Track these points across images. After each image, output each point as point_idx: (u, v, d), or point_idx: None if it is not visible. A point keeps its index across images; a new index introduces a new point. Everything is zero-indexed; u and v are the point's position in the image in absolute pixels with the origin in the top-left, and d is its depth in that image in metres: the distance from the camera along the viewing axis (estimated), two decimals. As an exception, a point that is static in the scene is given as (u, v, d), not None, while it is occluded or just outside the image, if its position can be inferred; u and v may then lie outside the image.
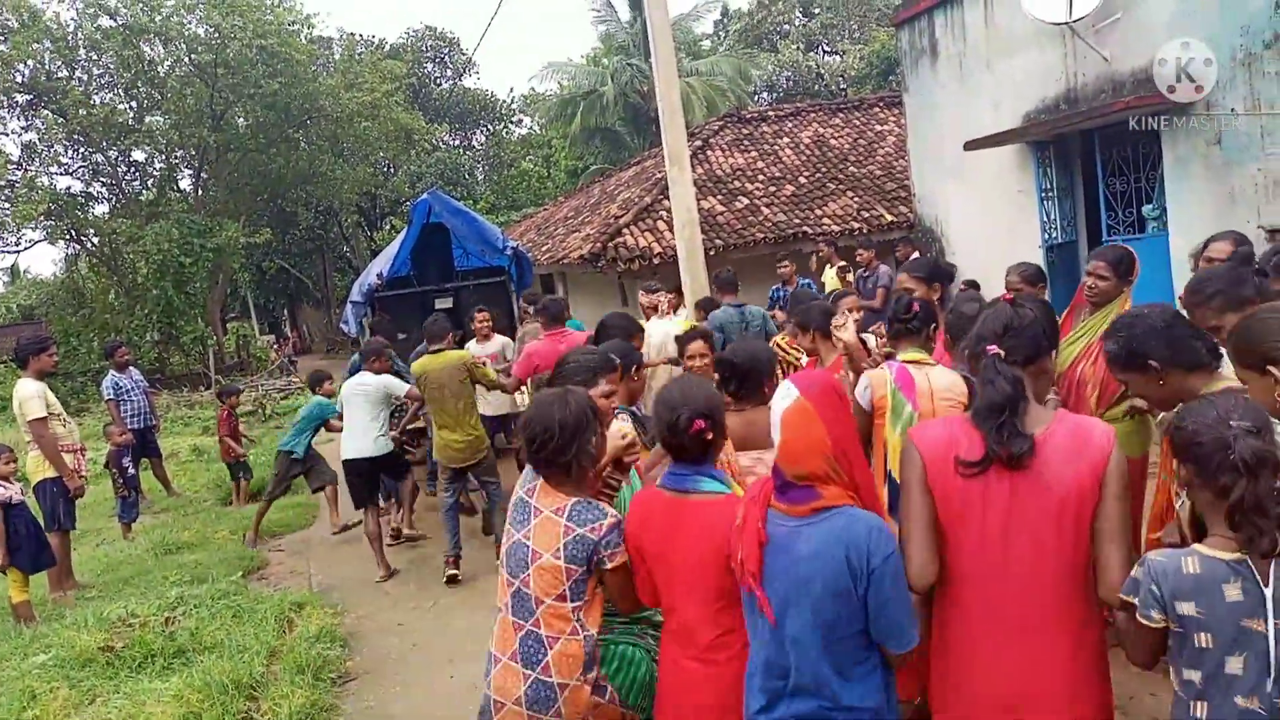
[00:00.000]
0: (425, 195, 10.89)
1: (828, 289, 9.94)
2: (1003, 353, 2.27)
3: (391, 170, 34.56)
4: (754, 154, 16.60)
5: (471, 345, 8.31)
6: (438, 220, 10.82)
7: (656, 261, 12.91)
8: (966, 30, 11.24)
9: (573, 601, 2.69)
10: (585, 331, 6.88)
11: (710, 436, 2.54)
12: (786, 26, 33.88)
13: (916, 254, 9.77)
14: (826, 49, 33.72)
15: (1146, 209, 9.25)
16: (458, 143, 38.99)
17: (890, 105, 17.46)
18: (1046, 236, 10.25)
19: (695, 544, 2.49)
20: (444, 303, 11.15)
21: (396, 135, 28.27)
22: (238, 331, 29.11)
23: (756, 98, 32.19)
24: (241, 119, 25.66)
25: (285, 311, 44.30)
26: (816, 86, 31.52)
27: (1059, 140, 10.16)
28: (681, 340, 4.86)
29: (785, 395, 2.27)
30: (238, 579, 6.84)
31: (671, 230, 11.32)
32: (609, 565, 2.68)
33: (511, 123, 39.90)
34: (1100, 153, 9.69)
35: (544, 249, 16.81)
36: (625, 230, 13.88)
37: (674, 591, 2.57)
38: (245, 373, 24.29)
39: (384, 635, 5.81)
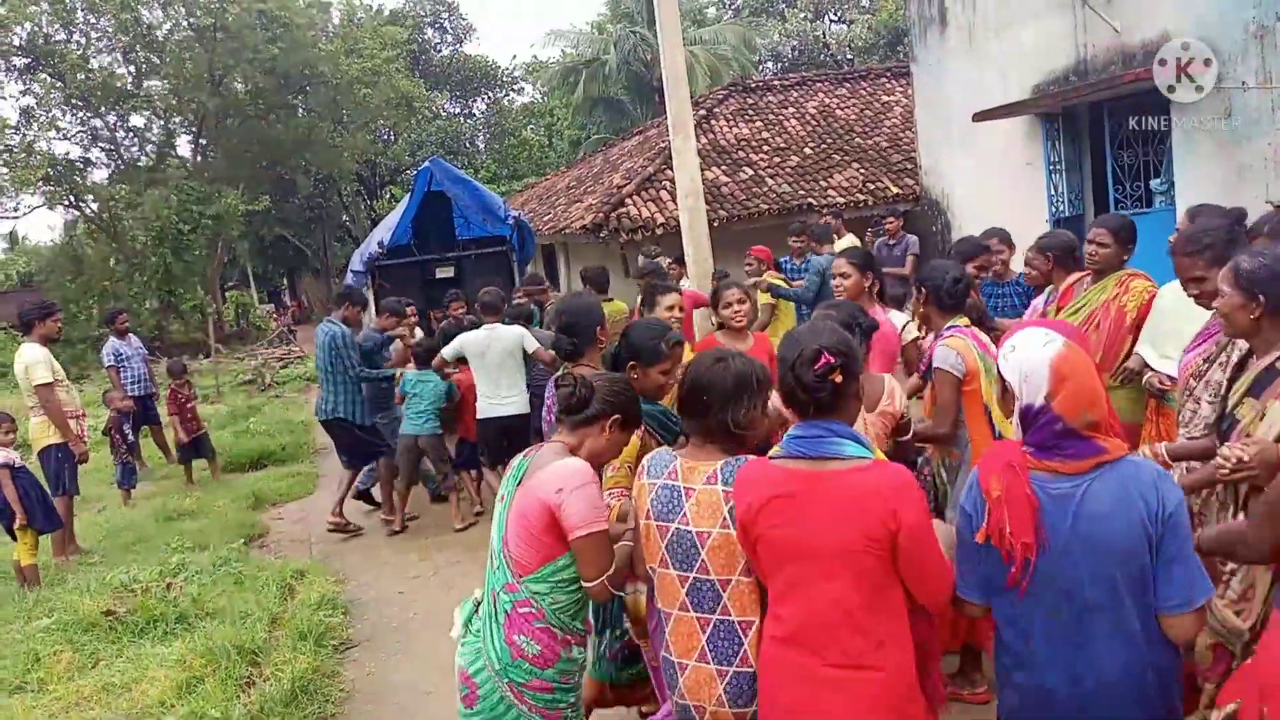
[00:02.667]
0: (427, 163, 10.81)
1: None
2: None
3: (391, 138, 34.33)
4: (759, 124, 16.45)
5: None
6: (439, 189, 10.75)
7: (659, 232, 12.82)
8: (976, -1, 11.10)
9: (749, 576, 2.35)
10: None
11: (840, 380, 2.19)
12: (793, -6, 33.47)
13: (897, 227, 9.72)
14: (834, 18, 33.32)
15: (1154, 183, 9.17)
16: (458, 111, 38.68)
17: (897, 76, 17.27)
18: (1054, 210, 10.17)
19: (845, 524, 2.11)
20: (445, 272, 11.11)
21: (397, 102, 28.06)
22: (237, 300, 29.05)
23: (762, 67, 31.89)
24: (240, 84, 25.45)
25: (285, 280, 44.19)
26: (823, 56, 31.20)
27: (1068, 112, 10.06)
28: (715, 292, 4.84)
29: (1045, 341, 2.09)
30: (239, 546, 6.85)
31: (675, 200, 11.21)
32: None
33: (513, 91, 39.56)
34: (1109, 125, 9.60)
35: (546, 219, 16.71)
36: (628, 200, 13.78)
37: (802, 583, 2.17)
38: (245, 341, 24.26)
39: (385, 604, 5.82)
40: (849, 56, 30.21)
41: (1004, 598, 2.14)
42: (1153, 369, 3.91)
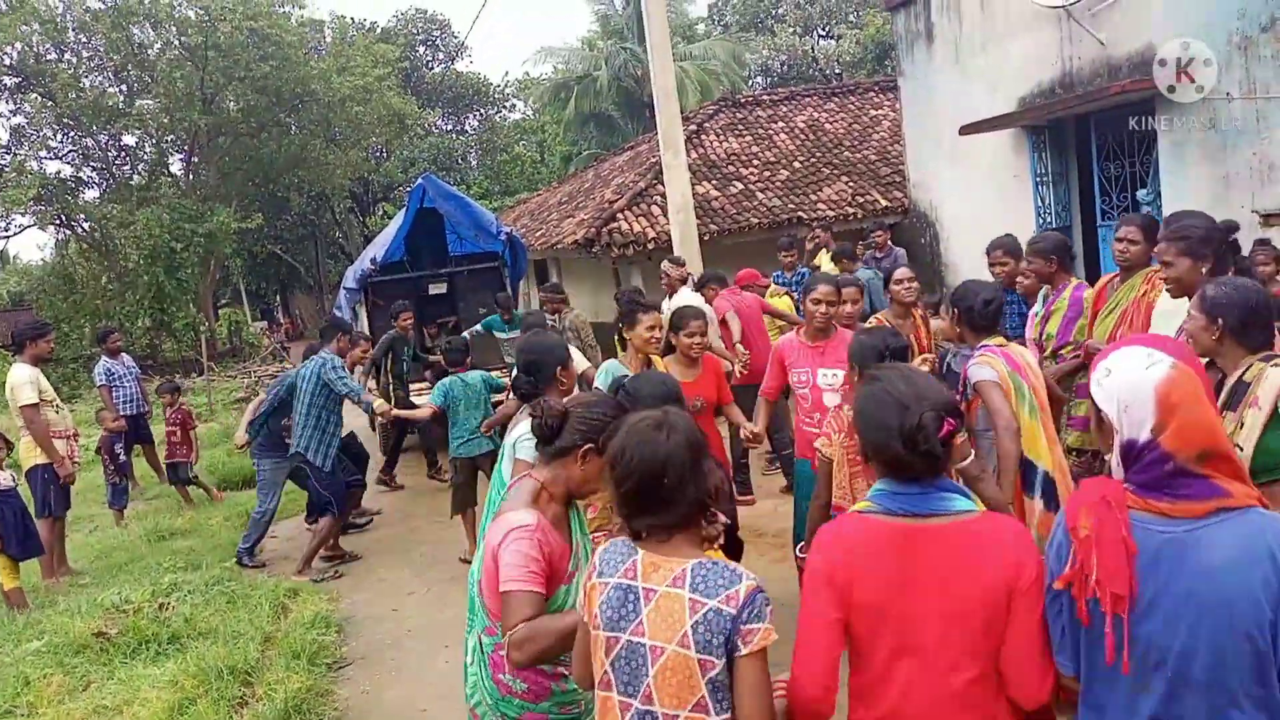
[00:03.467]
0: (420, 180, 10.85)
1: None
2: None
3: (384, 155, 34.41)
4: (749, 139, 16.53)
5: None
6: (431, 205, 10.78)
7: (651, 247, 12.86)
8: (962, 13, 11.20)
9: (717, 716, 1.88)
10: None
11: (958, 440, 1.98)
12: (782, 10, 33.68)
13: (886, 240, 9.81)
14: (822, 33, 33.56)
15: (1141, 193, 9.24)
16: (451, 128, 38.81)
17: (885, 90, 17.40)
18: (1041, 222, 10.24)
19: (960, 581, 1.84)
20: (438, 288, 11.14)
21: (389, 120, 28.12)
22: (230, 317, 29.01)
23: (751, 82, 32.06)
24: (232, 102, 25.50)
25: (278, 297, 44.15)
26: (812, 71, 31.38)
27: (1054, 124, 10.14)
28: (678, 317, 4.69)
29: (1149, 363, 1.74)
30: (231, 565, 6.83)
31: (666, 215, 11.27)
32: (745, 650, 1.85)
33: (505, 107, 39.70)
34: (1095, 137, 9.68)
35: (538, 234, 16.74)
36: (619, 215, 13.82)
37: (905, 654, 1.88)
38: (238, 359, 24.21)
39: (378, 621, 5.81)
40: (837, 71, 30.39)
41: (1087, 667, 1.81)
42: None
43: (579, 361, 6.20)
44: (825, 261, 10.63)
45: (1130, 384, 1.74)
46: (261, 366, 21.37)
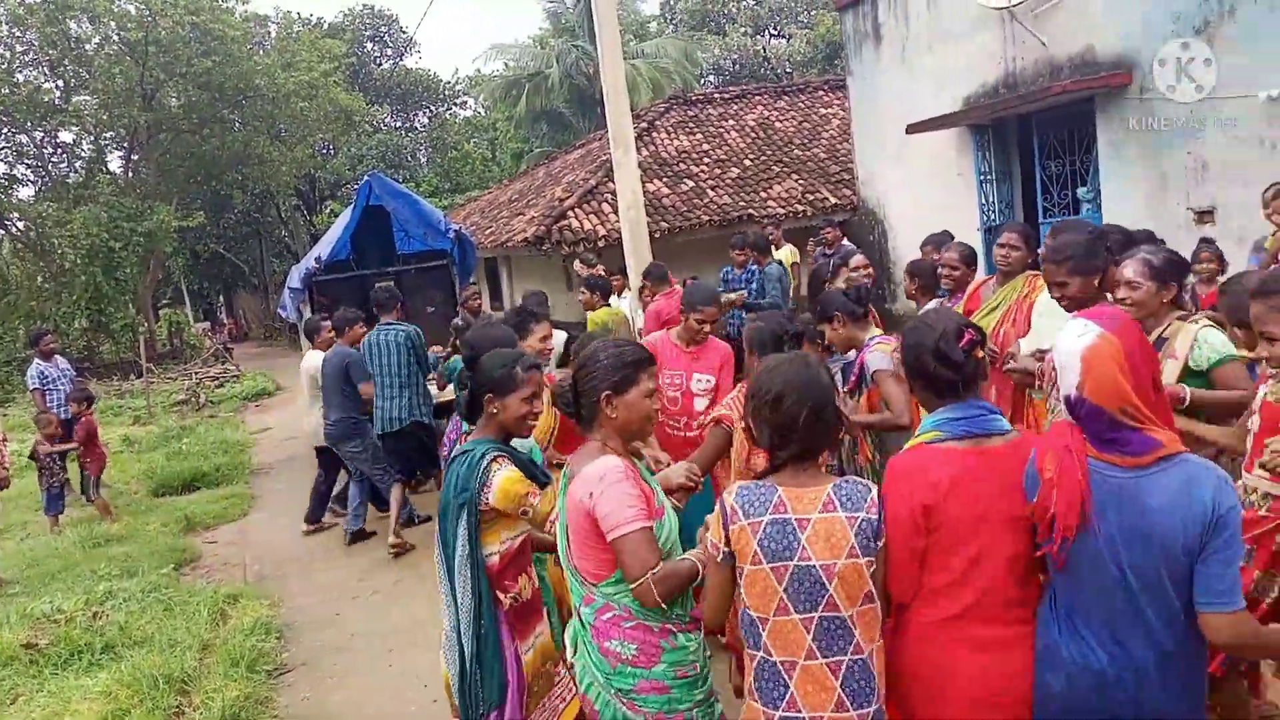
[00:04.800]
0: (366, 177, 10.69)
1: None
2: None
3: (331, 152, 33.84)
4: (699, 136, 16.56)
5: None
6: (378, 203, 10.61)
7: (602, 244, 12.82)
8: (909, 14, 11.32)
9: (875, 600, 2.24)
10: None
11: (980, 356, 2.30)
12: (733, 9, 33.81)
13: (843, 238, 9.86)
14: (773, 32, 33.76)
15: (1081, 191, 9.42)
16: (399, 124, 38.30)
17: (835, 89, 17.54)
18: (985, 218, 10.39)
19: (1016, 498, 2.19)
20: (382, 286, 10.95)
21: (336, 116, 27.65)
22: (170, 318, 28.28)
23: (703, 80, 32.13)
24: (173, 99, 24.86)
25: (221, 297, 43.24)
26: (763, 70, 31.55)
27: (998, 124, 10.30)
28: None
29: (1081, 332, 2.09)
30: (169, 571, 6.65)
31: (617, 213, 11.23)
32: (881, 541, 2.22)
33: (455, 104, 39.30)
34: (1037, 136, 9.85)
35: (488, 232, 16.60)
36: (570, 213, 13.76)
37: (985, 556, 2.21)
38: (178, 360, 23.66)
39: (321, 627, 5.68)
40: (788, 70, 30.60)
41: (1055, 576, 2.19)
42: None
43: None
44: (779, 258, 10.69)
45: (1065, 349, 2.12)
46: (203, 368, 20.88)
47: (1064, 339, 2.13)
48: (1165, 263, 3.21)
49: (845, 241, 9.93)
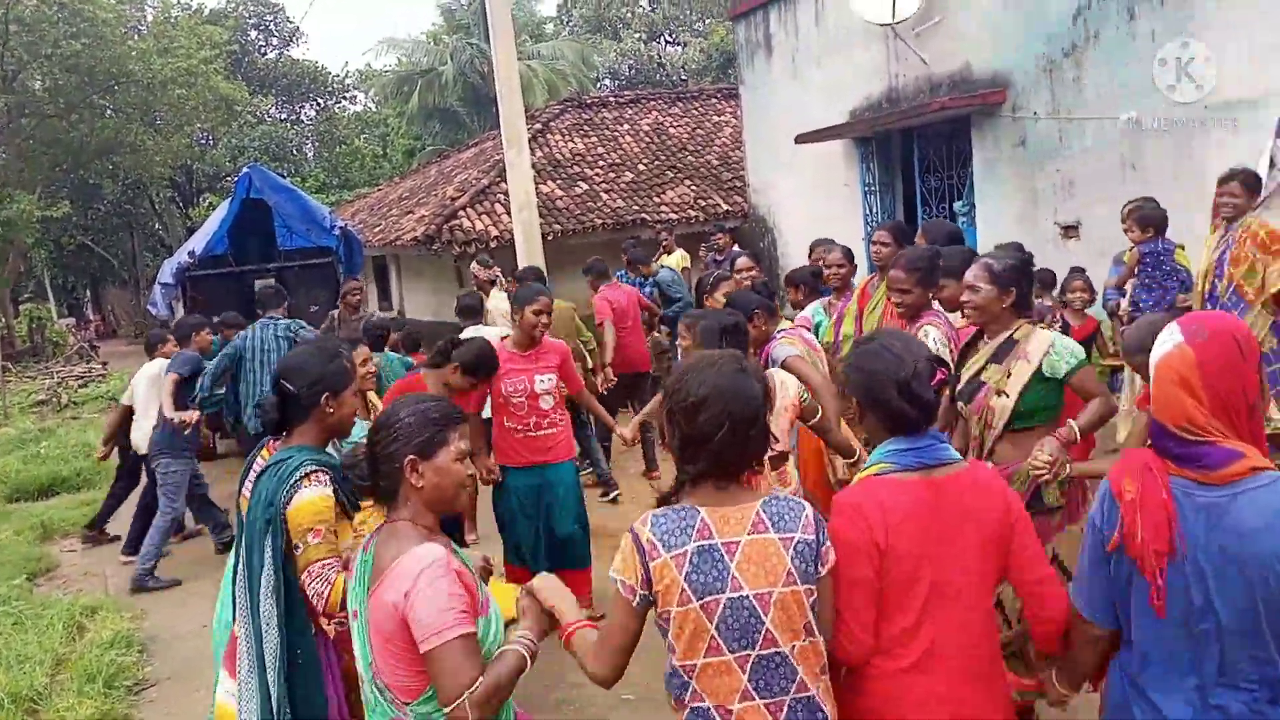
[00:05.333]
0: (246, 169, 10.31)
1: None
2: None
3: (210, 142, 32.41)
4: (594, 139, 16.57)
5: None
6: (259, 196, 10.23)
7: (494, 245, 12.66)
8: (799, 26, 11.59)
9: (815, 635, 1.99)
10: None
11: (945, 391, 2.19)
12: (628, 15, 34.00)
13: (734, 243, 10.07)
14: (668, 39, 34.10)
15: (958, 205, 9.81)
16: (285, 116, 37.01)
17: (728, 97, 17.81)
18: (869, 228, 10.70)
19: (974, 521, 2.04)
20: (265, 284, 10.55)
21: (216, 105, 26.51)
22: (31, 314, 26.57)
23: (599, 84, 32.19)
24: (37, 81, 23.40)
25: (88, 292, 40.90)
26: (659, 76, 31.82)
27: (881, 137, 10.63)
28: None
29: (1166, 339, 1.89)
30: (21, 583, 6.22)
31: (509, 214, 11.11)
32: (825, 569, 1.99)
33: (345, 98, 38.22)
34: (918, 150, 10.21)
35: (377, 230, 16.19)
36: (462, 212, 13.55)
37: (938, 599, 2.02)
38: (39, 358, 22.25)
39: (188, 639, 5.40)
40: (683, 77, 30.94)
41: (1134, 619, 1.93)
42: None
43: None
44: (668, 263, 10.77)
45: (1152, 355, 1.94)
46: (66, 367, 19.68)
47: (1157, 347, 1.93)
48: (1006, 268, 3.27)
49: (736, 247, 10.09)
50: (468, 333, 6.50)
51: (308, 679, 2.53)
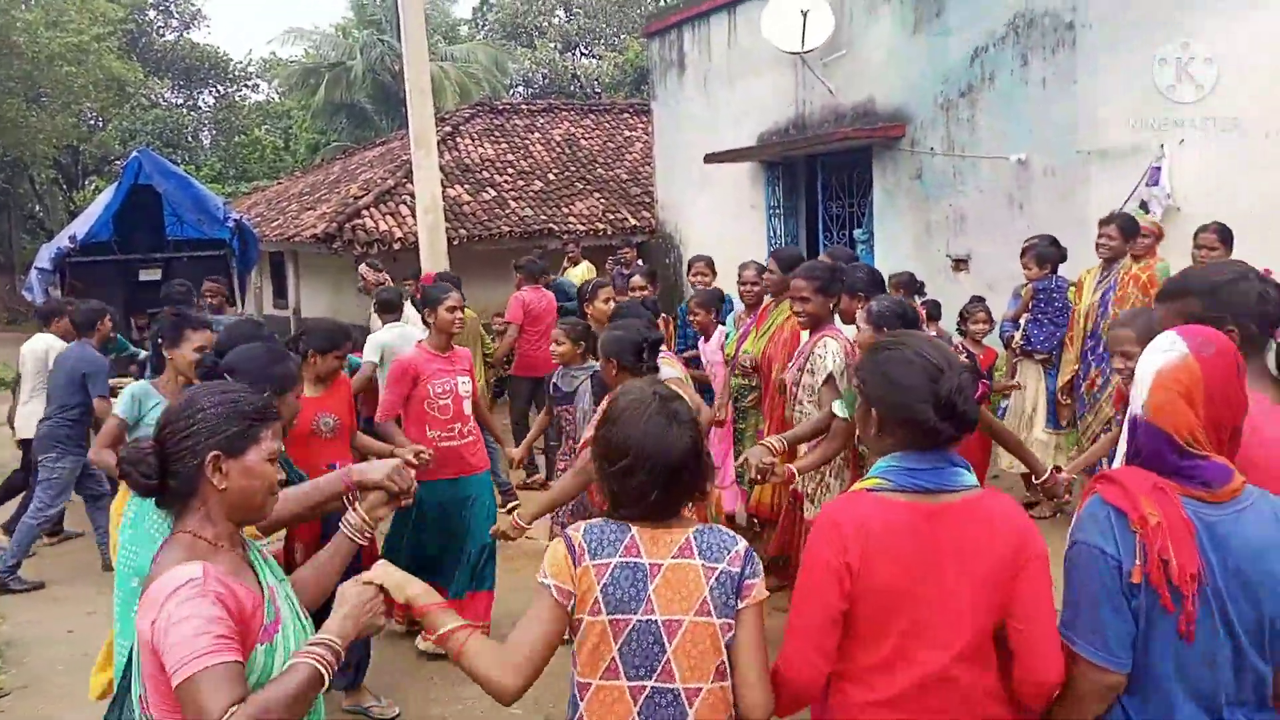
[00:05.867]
0: (135, 153, 9.89)
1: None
2: None
3: (100, 124, 30.88)
4: (504, 146, 16.47)
5: None
6: (148, 182, 9.81)
7: (397, 247, 12.44)
8: (712, 47, 11.78)
9: (728, 679, 1.88)
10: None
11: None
12: (545, 23, 33.95)
13: (638, 259, 10.16)
14: (583, 51, 34.18)
15: (858, 232, 10.12)
16: (181, 102, 35.56)
17: (640, 112, 17.96)
18: (772, 250, 10.94)
19: (978, 557, 1.82)
20: (151, 274, 10.15)
21: (107, 85, 25.32)
22: (-110, 294, 24.82)
23: (513, 91, 32.00)
24: (-92, 47, 21.93)
25: (-43, 274, 38.39)
26: (572, 87, 31.85)
27: (788, 162, 10.90)
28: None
29: (1168, 346, 1.83)
30: None
31: (415, 216, 10.94)
32: (745, 602, 1.89)
33: (247, 86, 36.97)
34: (822, 177, 10.50)
35: (274, 225, 15.69)
36: (365, 212, 13.26)
37: (918, 636, 1.84)
38: (-103, 341, 20.73)
39: (50, 644, 5.11)
40: (596, 90, 31.06)
41: (1151, 657, 1.80)
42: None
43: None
44: (573, 275, 10.76)
45: (1144, 361, 1.86)
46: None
47: (1148, 351, 1.88)
48: (885, 310, 3.61)
49: (640, 263, 10.16)
50: (386, 330, 6.34)
51: None
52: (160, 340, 4.15)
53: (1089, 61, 7.55)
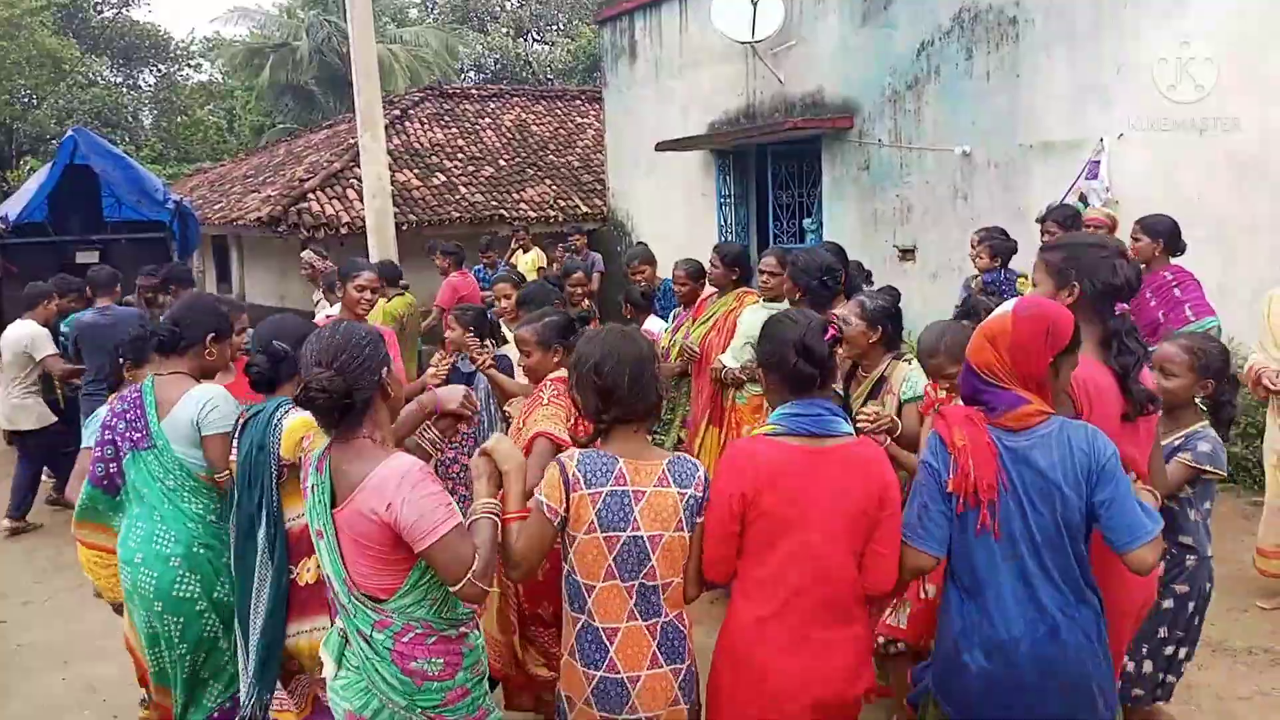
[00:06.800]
0: (71, 132, 9.60)
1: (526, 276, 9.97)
2: None
3: (34, 102, 29.90)
4: (455, 131, 16.30)
5: None
6: (84, 162, 9.53)
7: (344, 231, 12.27)
8: (663, 36, 11.77)
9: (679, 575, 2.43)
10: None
11: (837, 350, 2.48)
12: (496, 8, 33.61)
13: (584, 244, 10.17)
14: (535, 37, 33.91)
15: (807, 221, 10.21)
16: (121, 81, 34.55)
17: (592, 100, 17.90)
18: (723, 238, 10.99)
19: (850, 493, 2.29)
20: (88, 256, 9.85)
21: (41, 62, 24.55)
22: None
23: (463, 76, 31.67)
24: None
25: (-119, 255, 36.94)
26: (524, 73, 31.59)
27: (738, 150, 10.94)
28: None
29: (1004, 310, 2.31)
30: None
31: (362, 200, 10.79)
32: (701, 518, 2.37)
33: (189, 66, 36.02)
34: (772, 166, 10.56)
35: (217, 208, 15.37)
36: (311, 195, 13.05)
37: (800, 555, 2.29)
38: None
39: (-18, 637, 4.98)
40: (549, 77, 30.86)
41: (965, 550, 2.29)
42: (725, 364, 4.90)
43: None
44: (523, 261, 10.72)
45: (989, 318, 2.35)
46: None
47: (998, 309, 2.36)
48: (878, 308, 3.55)
49: (591, 250, 10.17)
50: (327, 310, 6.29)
51: (280, 624, 2.81)
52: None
53: (1031, 56, 7.69)
